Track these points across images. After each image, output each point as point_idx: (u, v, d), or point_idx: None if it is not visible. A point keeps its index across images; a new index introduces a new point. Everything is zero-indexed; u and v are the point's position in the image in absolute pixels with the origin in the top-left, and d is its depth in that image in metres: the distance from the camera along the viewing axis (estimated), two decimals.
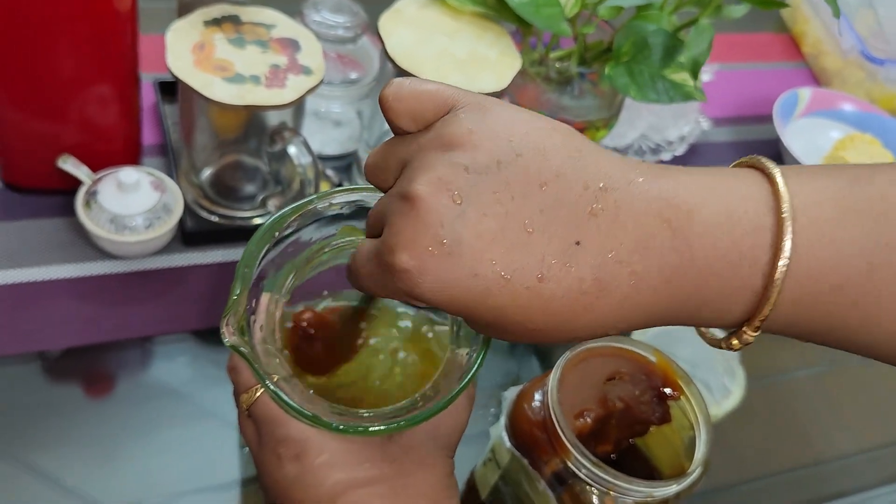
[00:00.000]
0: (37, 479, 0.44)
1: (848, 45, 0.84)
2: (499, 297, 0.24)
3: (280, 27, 0.52)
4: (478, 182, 0.24)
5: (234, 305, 0.30)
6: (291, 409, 0.30)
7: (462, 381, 0.31)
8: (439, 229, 0.24)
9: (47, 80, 0.49)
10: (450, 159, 0.24)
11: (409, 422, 0.30)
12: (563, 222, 0.24)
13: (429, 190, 0.24)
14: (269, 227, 0.32)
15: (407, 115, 0.26)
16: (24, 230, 0.53)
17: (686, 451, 0.41)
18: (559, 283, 0.24)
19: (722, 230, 0.24)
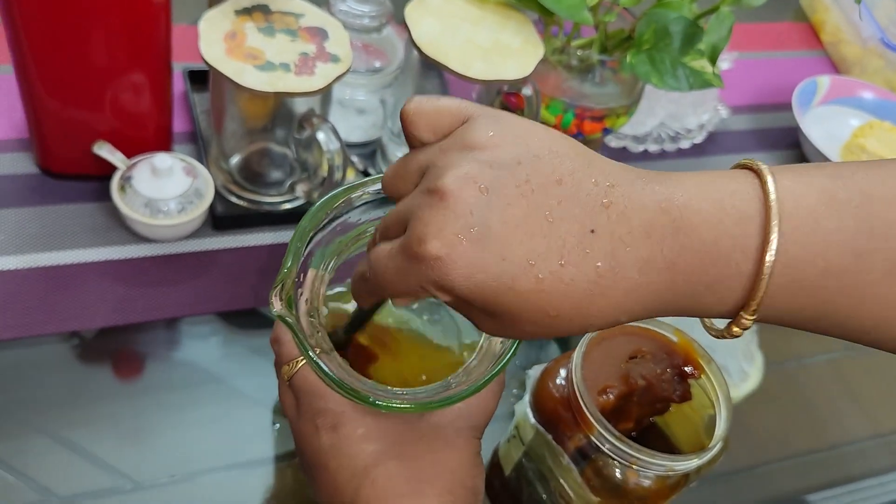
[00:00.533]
0: (71, 454, 0.46)
1: (868, 34, 0.84)
2: (524, 282, 0.26)
3: (308, 16, 0.53)
4: (501, 176, 0.26)
5: (285, 277, 0.31)
6: (332, 380, 0.31)
7: (495, 368, 0.32)
8: (469, 217, 0.25)
9: (84, 68, 0.50)
10: (474, 157, 0.26)
11: (442, 402, 0.32)
12: (579, 212, 0.26)
13: (457, 183, 0.26)
14: (323, 205, 0.33)
15: (427, 127, 0.28)
16: (59, 214, 0.55)
17: (706, 430, 0.42)
18: (578, 268, 0.26)
19: (714, 220, 0.26)
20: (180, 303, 0.53)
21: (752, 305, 0.27)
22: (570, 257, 0.26)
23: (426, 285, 0.26)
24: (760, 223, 0.26)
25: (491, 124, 0.27)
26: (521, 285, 0.26)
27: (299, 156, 0.57)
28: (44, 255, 0.53)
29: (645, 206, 0.26)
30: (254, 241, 0.57)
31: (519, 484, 0.45)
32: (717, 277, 0.27)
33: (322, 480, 0.33)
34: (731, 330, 0.28)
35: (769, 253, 0.26)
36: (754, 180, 0.27)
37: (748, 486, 0.56)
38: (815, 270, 0.26)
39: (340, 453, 0.32)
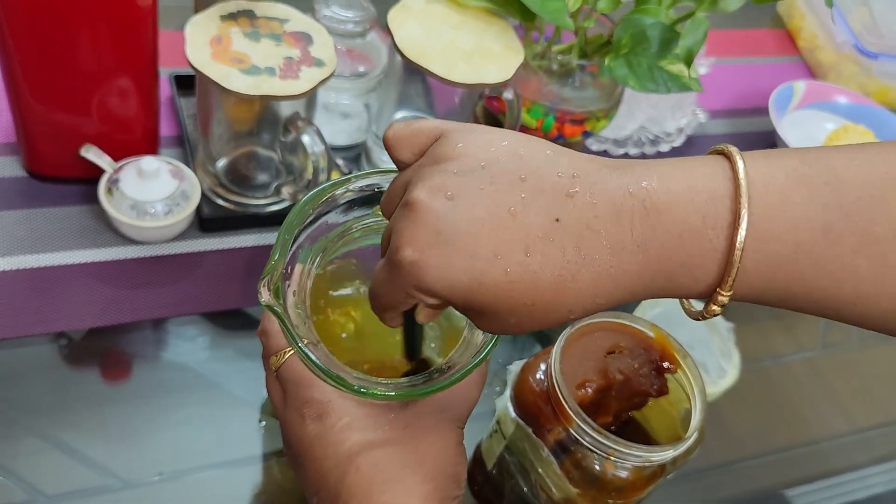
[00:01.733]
0: (60, 453, 0.46)
1: (842, 40, 0.86)
2: (493, 275, 0.27)
3: (293, 21, 0.54)
4: (466, 181, 0.28)
5: (272, 269, 0.32)
6: (318, 369, 0.32)
7: (476, 358, 0.33)
8: (436, 223, 0.27)
9: (71, 73, 0.51)
10: (441, 169, 0.28)
11: (425, 391, 0.33)
12: (543, 204, 0.27)
13: (425, 194, 0.28)
14: (309, 200, 0.34)
15: (406, 148, 0.31)
16: (47, 217, 0.56)
17: (683, 423, 0.43)
18: (544, 256, 0.27)
19: (684, 200, 0.27)
20: (167, 304, 0.53)
21: (727, 282, 0.27)
22: (536, 247, 0.27)
23: (409, 290, 0.28)
24: (731, 202, 0.27)
25: (459, 137, 0.29)
26: (490, 279, 0.27)
27: (285, 159, 0.58)
28: (32, 257, 0.53)
29: (612, 192, 0.27)
30: (240, 243, 0.58)
31: (501, 477, 0.46)
32: (690, 255, 0.27)
33: (308, 469, 0.34)
34: (710, 308, 0.29)
35: (741, 229, 0.26)
36: (725, 163, 0.28)
37: (727, 482, 0.57)
38: (786, 247, 0.27)
39: (326, 442, 0.33)
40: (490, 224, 0.27)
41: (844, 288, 0.27)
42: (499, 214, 0.27)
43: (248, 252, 0.58)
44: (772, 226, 0.27)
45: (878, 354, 0.70)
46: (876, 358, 0.69)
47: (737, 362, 0.59)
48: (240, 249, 0.58)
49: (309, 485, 0.35)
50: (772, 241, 0.27)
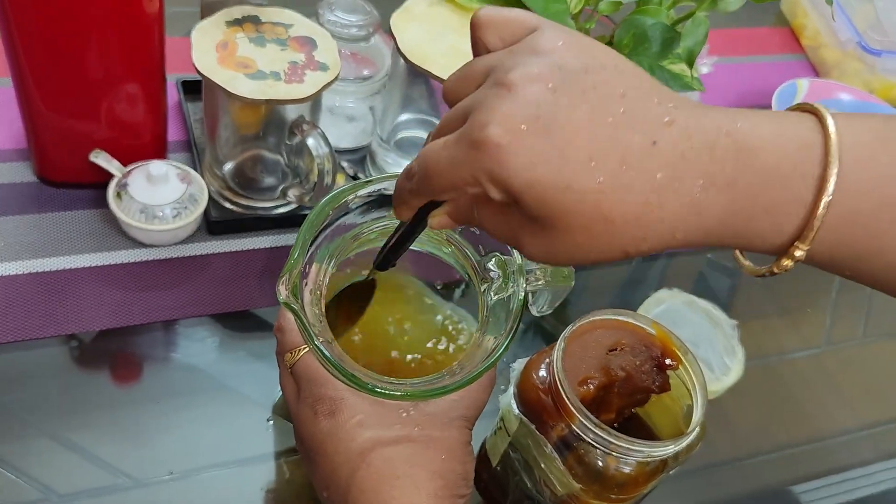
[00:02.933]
0: (71, 453, 0.47)
1: (845, 37, 0.86)
2: (584, 180, 0.26)
3: (297, 26, 0.55)
4: (568, 79, 0.26)
5: (291, 267, 0.33)
6: (333, 366, 0.33)
7: (487, 362, 0.34)
8: (535, 109, 0.25)
9: (80, 80, 0.52)
10: (544, 59, 0.27)
11: (436, 391, 0.34)
12: (642, 124, 0.26)
13: (526, 78, 0.26)
14: (331, 200, 0.35)
15: (496, 34, 0.29)
16: (57, 222, 0.57)
17: (685, 420, 0.43)
18: (639, 174, 0.26)
19: (775, 145, 0.27)
20: (176, 305, 0.54)
21: (808, 235, 0.27)
22: (632, 163, 0.26)
23: (481, 176, 0.26)
24: (821, 153, 0.27)
25: (560, 34, 0.28)
26: (580, 184, 0.26)
27: (290, 162, 0.58)
28: (42, 261, 0.54)
29: (707, 128, 0.27)
30: (247, 245, 0.59)
31: (506, 474, 0.46)
32: (776, 201, 0.27)
33: (320, 464, 0.35)
34: (781, 263, 0.29)
35: (829, 182, 0.26)
36: (813, 118, 0.28)
37: (733, 479, 0.57)
38: (870, 203, 0.27)
39: (338, 438, 0.34)
40: (590, 129, 0.26)
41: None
42: (600, 122, 0.26)
43: (255, 254, 0.59)
44: (858, 181, 0.27)
45: (884, 350, 0.70)
46: (881, 354, 0.69)
47: (741, 359, 0.59)
48: (247, 251, 0.59)
49: (320, 479, 0.35)
50: (857, 196, 0.27)
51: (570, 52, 0.27)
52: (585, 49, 0.28)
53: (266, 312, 0.56)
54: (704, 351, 0.59)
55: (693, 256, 0.70)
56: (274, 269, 0.58)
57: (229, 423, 0.51)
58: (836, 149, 0.27)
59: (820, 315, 0.70)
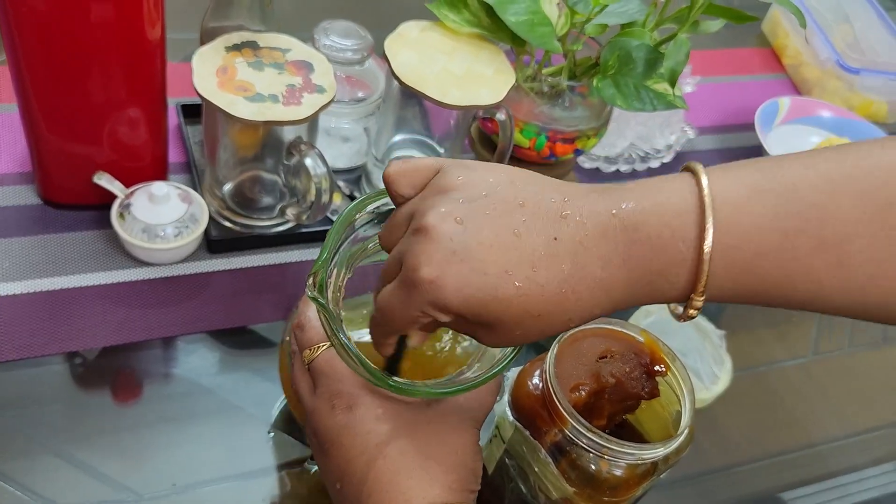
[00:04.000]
0: (76, 469, 0.48)
1: (824, 56, 0.89)
2: (505, 290, 0.30)
3: (294, 51, 0.57)
4: (472, 208, 0.31)
5: (320, 266, 0.35)
6: (356, 359, 0.34)
7: (499, 366, 0.36)
8: (450, 243, 0.30)
9: (83, 105, 0.53)
10: (448, 197, 0.31)
11: (448, 391, 0.36)
12: (542, 226, 0.31)
13: (437, 219, 0.31)
14: (357, 205, 0.37)
15: (407, 184, 0.34)
16: (61, 242, 0.58)
17: (674, 425, 0.45)
18: (549, 271, 0.30)
19: (655, 217, 0.31)
20: (177, 322, 0.56)
21: (699, 287, 0.31)
22: (541, 263, 0.30)
23: (426, 308, 0.31)
24: (696, 216, 0.30)
25: (459, 170, 0.32)
26: (503, 293, 0.30)
27: (288, 181, 0.60)
28: (47, 281, 0.56)
29: (598, 213, 0.31)
30: (247, 263, 0.60)
31: (502, 481, 0.47)
32: (665, 265, 0.31)
33: (334, 456, 0.36)
34: (687, 312, 0.32)
35: (706, 241, 0.30)
36: (691, 179, 0.31)
37: (724, 486, 0.58)
38: (748, 253, 0.30)
39: (355, 431, 0.36)
40: (498, 245, 0.30)
41: (805, 286, 0.31)
42: (505, 236, 0.30)
43: (254, 272, 0.60)
44: (734, 236, 0.30)
45: (869, 359, 0.71)
46: (867, 362, 0.71)
47: (729, 368, 0.61)
48: (246, 269, 0.60)
49: (333, 472, 0.37)
50: (734, 249, 0.30)
51: (470, 183, 0.32)
52: (483, 176, 0.32)
53: (266, 328, 0.57)
54: (693, 361, 0.60)
55: None
56: (273, 286, 0.60)
57: (231, 437, 0.52)
58: (710, 209, 0.30)
59: (806, 326, 0.71)
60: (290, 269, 0.61)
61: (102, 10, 0.49)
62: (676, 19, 0.61)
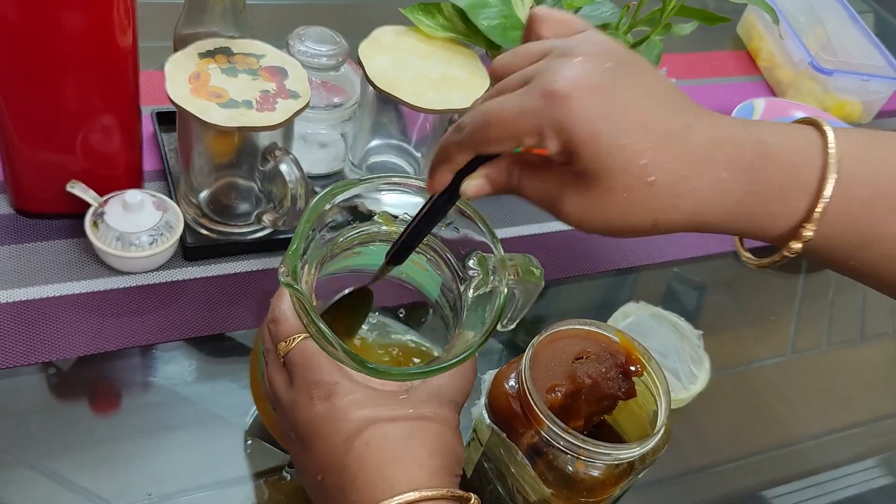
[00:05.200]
0: (51, 482, 0.48)
1: (798, 58, 0.90)
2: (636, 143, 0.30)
3: (268, 57, 0.57)
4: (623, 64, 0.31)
5: (291, 255, 0.35)
6: (333, 342, 0.34)
7: (470, 349, 0.37)
8: (599, 76, 0.30)
9: (55, 113, 0.53)
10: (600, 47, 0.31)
11: (428, 370, 0.36)
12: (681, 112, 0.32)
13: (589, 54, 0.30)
14: (326, 195, 0.37)
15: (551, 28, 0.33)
16: (35, 252, 0.57)
17: (651, 424, 0.45)
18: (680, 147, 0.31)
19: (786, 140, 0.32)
20: (153, 331, 0.55)
21: (814, 216, 0.32)
22: (675, 138, 0.31)
23: (546, 125, 0.29)
24: (822, 148, 0.32)
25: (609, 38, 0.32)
26: (634, 145, 0.30)
27: (264, 188, 0.60)
28: (20, 291, 0.55)
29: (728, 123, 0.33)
30: (223, 270, 0.60)
31: (480, 484, 0.47)
32: (787, 185, 0.32)
33: (315, 448, 0.36)
34: (791, 247, 0.33)
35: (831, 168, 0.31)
36: (812, 126, 0.33)
37: (705, 485, 0.59)
38: (868, 191, 0.32)
39: (334, 419, 0.35)
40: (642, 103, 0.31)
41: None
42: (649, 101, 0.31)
43: (231, 279, 0.60)
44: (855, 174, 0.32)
45: (847, 356, 0.72)
46: (844, 360, 0.71)
47: (707, 368, 0.61)
48: (223, 276, 0.60)
49: (314, 464, 0.36)
50: (855, 186, 0.32)
51: (621, 49, 0.32)
52: (631, 54, 0.33)
53: (242, 335, 0.57)
54: (672, 361, 0.60)
55: (660, 271, 0.72)
56: (250, 292, 0.59)
57: (208, 445, 0.51)
58: (833, 145, 0.32)
59: (784, 324, 0.72)
60: (268, 276, 0.61)
61: (73, 18, 0.48)
62: (649, 22, 0.62)
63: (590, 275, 0.69)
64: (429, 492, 0.34)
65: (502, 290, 0.38)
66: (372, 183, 0.39)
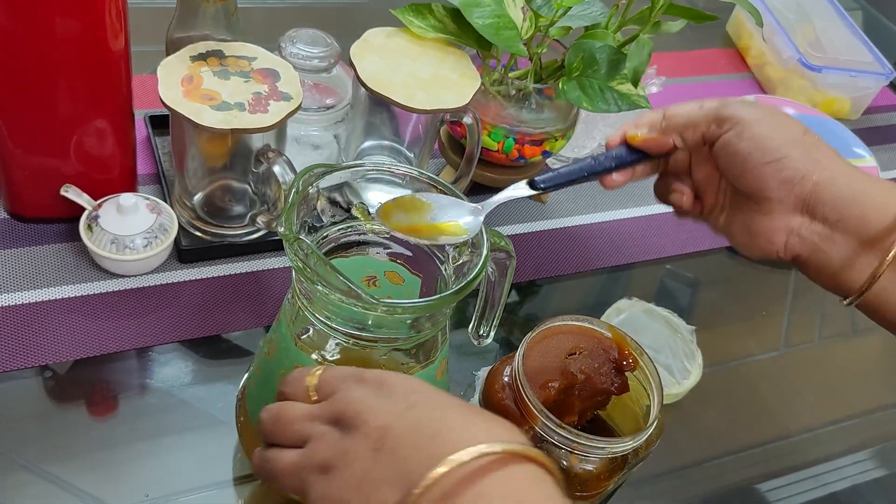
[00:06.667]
0: (48, 484, 0.48)
1: (787, 56, 0.91)
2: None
3: (260, 59, 0.57)
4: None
5: (286, 210, 0.38)
6: (328, 266, 0.36)
7: (447, 293, 0.38)
8: None
9: (49, 118, 0.53)
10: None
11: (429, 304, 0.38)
12: None
13: None
14: (307, 177, 0.40)
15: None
16: (30, 256, 0.58)
17: (645, 419, 0.45)
18: None
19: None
20: (149, 333, 0.55)
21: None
22: None
23: None
24: None
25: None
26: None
27: (258, 189, 0.60)
28: (15, 295, 0.55)
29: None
30: (218, 272, 0.60)
31: None
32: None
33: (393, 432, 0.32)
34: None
35: None
36: None
37: (699, 480, 0.59)
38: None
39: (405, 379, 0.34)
40: None
41: None
42: None
43: (226, 280, 0.60)
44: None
45: (839, 350, 0.72)
46: (837, 353, 0.72)
47: (700, 363, 0.61)
48: (219, 278, 0.60)
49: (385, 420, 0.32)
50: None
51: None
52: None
53: (238, 337, 0.57)
54: (665, 357, 0.61)
55: (653, 267, 0.73)
56: (245, 293, 0.60)
57: (205, 446, 0.51)
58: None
59: (777, 319, 0.73)
60: (263, 277, 0.61)
61: (65, 23, 0.49)
62: (638, 20, 0.62)
63: (583, 272, 0.69)
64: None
65: (482, 253, 0.40)
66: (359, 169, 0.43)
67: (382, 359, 0.41)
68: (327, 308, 0.39)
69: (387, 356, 0.41)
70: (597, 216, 0.74)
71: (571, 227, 0.72)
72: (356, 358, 0.41)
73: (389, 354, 0.41)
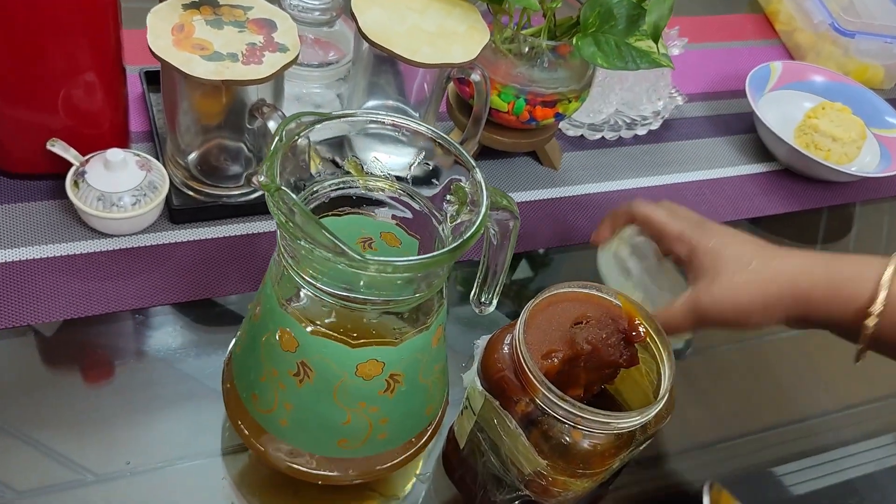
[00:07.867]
0: (30, 448, 0.46)
1: (819, 20, 0.86)
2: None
3: (257, 9, 0.54)
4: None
5: (269, 168, 0.35)
6: (323, 226, 0.33)
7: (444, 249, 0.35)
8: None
9: (35, 69, 0.51)
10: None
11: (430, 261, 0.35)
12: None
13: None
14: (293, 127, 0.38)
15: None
16: (15, 213, 0.55)
17: (655, 394, 0.42)
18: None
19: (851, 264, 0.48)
20: (138, 295, 0.53)
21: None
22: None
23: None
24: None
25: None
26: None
27: (254, 147, 0.57)
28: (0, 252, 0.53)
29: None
30: (212, 234, 0.58)
31: (473, 456, 0.45)
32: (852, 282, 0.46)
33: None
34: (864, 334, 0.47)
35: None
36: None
37: (714, 460, 0.56)
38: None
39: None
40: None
41: None
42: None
43: (219, 242, 0.57)
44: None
45: None
46: None
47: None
48: (212, 240, 0.57)
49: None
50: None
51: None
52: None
53: (233, 301, 0.55)
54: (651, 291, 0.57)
55: None
56: (240, 256, 0.57)
57: (192, 414, 0.49)
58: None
59: None
60: (258, 239, 0.58)
61: None
62: None
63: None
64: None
65: (481, 211, 0.37)
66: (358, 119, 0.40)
67: (373, 322, 0.39)
68: (312, 266, 0.36)
69: (378, 320, 0.39)
70: (610, 184, 0.71)
71: (583, 195, 0.69)
72: (346, 320, 0.38)
73: (381, 318, 0.39)
